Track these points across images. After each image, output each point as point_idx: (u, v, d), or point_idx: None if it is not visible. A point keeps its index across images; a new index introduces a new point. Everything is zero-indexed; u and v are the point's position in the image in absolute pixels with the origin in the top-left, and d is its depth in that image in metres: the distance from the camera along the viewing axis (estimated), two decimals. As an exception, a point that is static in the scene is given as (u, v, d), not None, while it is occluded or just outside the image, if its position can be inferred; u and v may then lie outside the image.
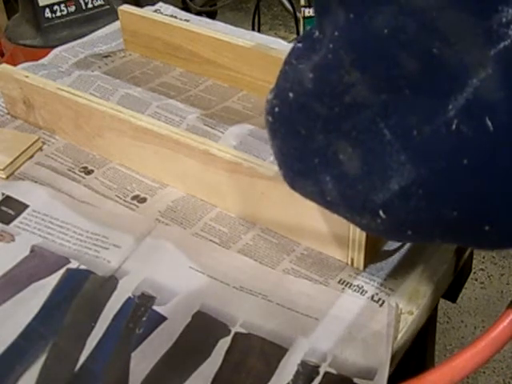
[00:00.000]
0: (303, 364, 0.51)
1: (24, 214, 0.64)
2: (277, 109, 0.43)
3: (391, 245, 0.60)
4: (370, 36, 0.36)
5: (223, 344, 0.52)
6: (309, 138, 0.41)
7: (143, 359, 0.51)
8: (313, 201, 0.45)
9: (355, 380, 0.50)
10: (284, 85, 0.42)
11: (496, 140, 0.33)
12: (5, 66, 0.77)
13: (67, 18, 1.47)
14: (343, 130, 0.39)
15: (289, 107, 0.42)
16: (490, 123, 0.33)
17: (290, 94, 0.41)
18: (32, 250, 0.60)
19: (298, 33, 1.80)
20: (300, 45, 0.42)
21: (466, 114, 0.34)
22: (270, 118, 0.44)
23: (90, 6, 1.50)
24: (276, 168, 0.60)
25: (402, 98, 0.36)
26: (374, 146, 0.38)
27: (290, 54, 0.42)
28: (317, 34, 0.40)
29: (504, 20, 0.32)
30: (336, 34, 0.38)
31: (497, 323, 0.43)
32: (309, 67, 0.40)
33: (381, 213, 0.39)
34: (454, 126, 0.34)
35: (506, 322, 0.43)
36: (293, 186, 0.45)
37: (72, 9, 1.48)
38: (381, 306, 0.55)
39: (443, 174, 0.36)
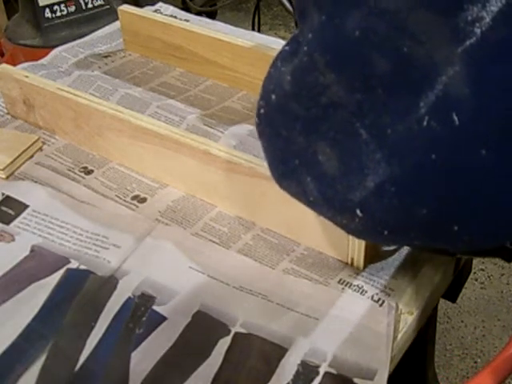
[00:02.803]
0: (303, 364, 0.51)
1: (24, 214, 0.64)
2: (262, 110, 0.44)
3: (391, 245, 0.60)
4: (342, 37, 0.37)
5: (223, 344, 0.52)
6: (290, 139, 0.42)
7: (143, 359, 0.51)
8: (298, 201, 0.46)
9: (355, 380, 0.50)
10: (268, 87, 0.43)
11: (461, 135, 0.34)
12: (5, 66, 0.77)
13: (67, 18, 1.47)
14: (321, 130, 0.40)
15: (272, 109, 0.43)
16: (456, 118, 0.34)
17: (273, 96, 0.42)
18: (32, 250, 0.60)
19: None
20: (287, 48, 0.43)
21: (436, 110, 0.35)
22: (257, 120, 0.45)
23: (90, 5, 1.49)
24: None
25: (375, 98, 0.37)
26: (351, 145, 0.39)
27: (276, 57, 0.43)
28: (300, 37, 0.41)
29: (469, 18, 0.33)
30: (310, 36, 0.39)
31: (501, 353, 0.44)
32: (289, 70, 0.41)
33: (358, 212, 0.40)
34: (425, 123, 0.35)
35: (509, 352, 0.43)
36: (280, 185, 0.46)
37: (72, 9, 1.47)
38: (381, 305, 0.55)
39: (413, 170, 0.36)
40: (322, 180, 0.41)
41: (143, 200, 0.66)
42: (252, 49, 0.78)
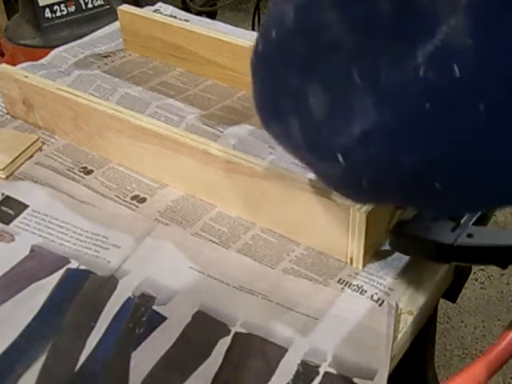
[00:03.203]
0: (303, 364, 0.51)
1: (24, 214, 0.64)
2: (260, 46, 0.44)
3: (391, 245, 0.60)
4: None
5: (223, 344, 0.52)
6: (284, 77, 0.42)
7: (143, 359, 0.51)
8: (282, 145, 0.46)
9: (355, 380, 0.50)
10: (268, 23, 0.43)
11: (460, 87, 0.34)
12: (4, 65, 0.77)
13: (67, 18, 1.48)
14: (317, 70, 0.40)
15: (270, 45, 0.43)
16: (457, 70, 0.33)
17: (273, 33, 0.42)
18: (32, 250, 0.60)
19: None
20: None
21: (434, 60, 0.34)
22: (254, 56, 0.45)
23: (90, 6, 1.50)
24: (275, 167, 0.61)
25: (374, 40, 0.37)
26: (344, 89, 0.38)
27: None
28: None
29: None
30: None
31: (495, 346, 0.44)
32: (291, 7, 0.41)
33: (340, 157, 0.39)
34: (421, 72, 0.35)
35: (503, 344, 0.44)
36: (266, 128, 0.46)
37: (72, 9, 1.48)
38: (380, 305, 0.55)
39: (405, 117, 0.36)
40: (308, 123, 0.41)
41: (143, 200, 0.66)
42: (252, 49, 0.78)
